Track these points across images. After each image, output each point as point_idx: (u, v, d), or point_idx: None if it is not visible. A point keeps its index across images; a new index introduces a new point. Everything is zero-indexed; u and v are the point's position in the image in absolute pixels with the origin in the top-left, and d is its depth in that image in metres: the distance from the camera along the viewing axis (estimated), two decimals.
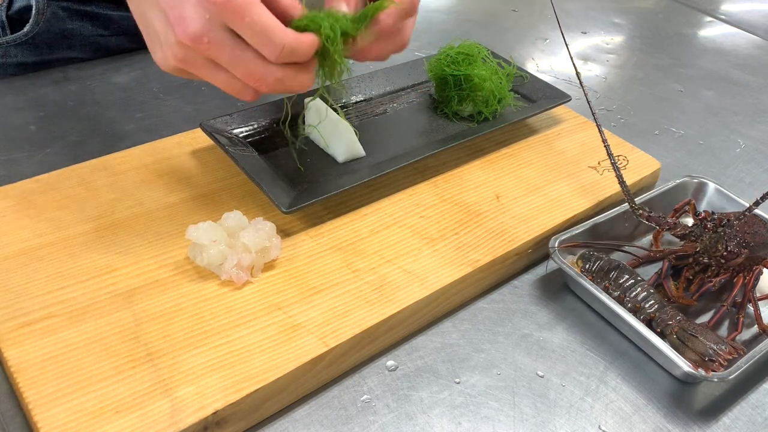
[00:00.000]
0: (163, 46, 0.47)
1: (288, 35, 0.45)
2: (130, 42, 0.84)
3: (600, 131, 0.61)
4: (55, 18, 0.77)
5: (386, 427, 0.47)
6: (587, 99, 0.63)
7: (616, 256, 0.59)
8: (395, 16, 0.51)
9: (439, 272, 0.54)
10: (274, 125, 0.66)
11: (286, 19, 0.47)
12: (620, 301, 0.54)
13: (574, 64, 0.65)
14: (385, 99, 0.74)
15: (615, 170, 0.59)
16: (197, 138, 0.65)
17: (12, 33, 0.78)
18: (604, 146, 0.60)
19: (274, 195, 0.56)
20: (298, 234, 0.57)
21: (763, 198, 0.53)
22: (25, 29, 0.77)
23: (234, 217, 0.53)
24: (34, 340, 0.46)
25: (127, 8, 0.52)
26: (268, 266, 0.53)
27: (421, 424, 0.47)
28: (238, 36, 0.45)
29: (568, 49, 0.66)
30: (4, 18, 0.78)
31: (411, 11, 0.52)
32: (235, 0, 0.44)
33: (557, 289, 0.59)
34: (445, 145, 0.64)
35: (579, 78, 0.65)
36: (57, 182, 0.59)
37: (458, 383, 0.50)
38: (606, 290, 0.55)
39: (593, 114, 0.62)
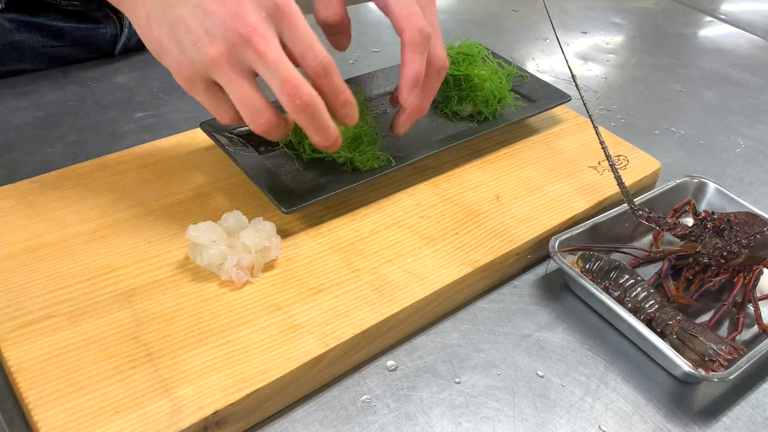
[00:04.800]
0: (201, 42, 0.46)
1: (326, 52, 0.48)
2: (86, 52, 0.82)
3: (597, 133, 0.61)
4: (2, 30, 0.75)
5: (386, 427, 0.47)
6: (584, 102, 0.63)
7: (616, 256, 0.59)
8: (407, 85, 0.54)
9: (439, 272, 0.54)
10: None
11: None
12: (620, 301, 0.54)
13: (569, 67, 0.66)
14: (385, 99, 0.74)
15: (613, 171, 0.59)
16: (197, 138, 0.65)
17: None
18: (602, 148, 0.60)
19: (274, 195, 0.56)
20: (298, 234, 0.57)
21: None
22: None
23: (234, 217, 0.53)
24: (34, 340, 0.46)
25: (79, 20, 0.50)
26: (268, 266, 0.53)
27: (421, 424, 0.47)
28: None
29: (563, 52, 0.66)
30: None
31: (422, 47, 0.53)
32: (293, 5, 0.46)
33: (557, 289, 0.59)
34: (445, 145, 0.64)
35: (575, 80, 0.65)
36: (57, 182, 0.59)
37: (458, 383, 0.50)
38: (606, 290, 0.55)
39: (590, 116, 0.62)
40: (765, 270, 0.58)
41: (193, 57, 0.47)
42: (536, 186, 0.65)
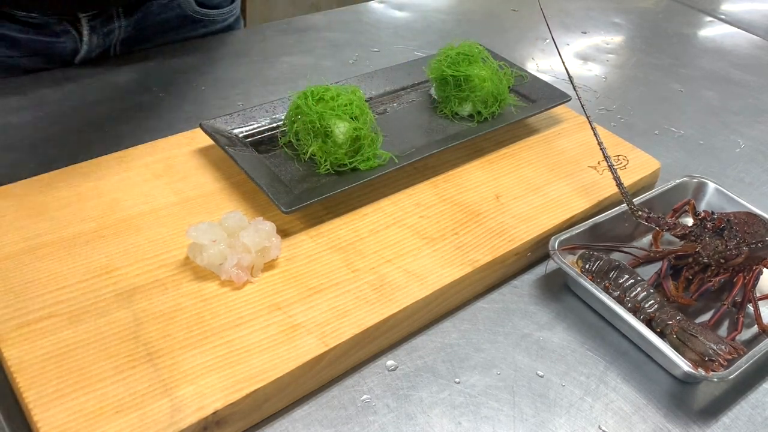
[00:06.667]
0: None
1: None
2: (44, 62, 0.80)
3: (595, 133, 0.61)
4: None
5: (386, 427, 0.47)
6: (581, 102, 0.63)
7: (616, 256, 0.59)
8: None
9: (439, 272, 0.54)
10: (274, 125, 0.66)
11: None
12: (620, 301, 0.54)
13: (566, 69, 0.66)
14: (385, 99, 0.74)
15: (612, 173, 0.59)
16: (197, 138, 0.65)
17: None
18: (601, 149, 0.60)
19: (274, 195, 0.56)
20: (298, 234, 0.57)
21: None
22: None
23: (234, 217, 0.53)
24: (34, 340, 0.46)
25: (37, 31, 0.45)
26: (268, 266, 0.53)
27: (421, 424, 0.47)
28: None
29: (560, 54, 0.66)
30: None
31: None
32: None
33: (557, 289, 0.59)
34: (445, 145, 0.64)
35: (572, 81, 0.66)
36: (57, 182, 0.59)
37: (458, 383, 0.50)
38: (606, 290, 0.55)
39: (587, 116, 0.62)
40: (765, 270, 0.58)
41: None
42: (536, 186, 0.65)
